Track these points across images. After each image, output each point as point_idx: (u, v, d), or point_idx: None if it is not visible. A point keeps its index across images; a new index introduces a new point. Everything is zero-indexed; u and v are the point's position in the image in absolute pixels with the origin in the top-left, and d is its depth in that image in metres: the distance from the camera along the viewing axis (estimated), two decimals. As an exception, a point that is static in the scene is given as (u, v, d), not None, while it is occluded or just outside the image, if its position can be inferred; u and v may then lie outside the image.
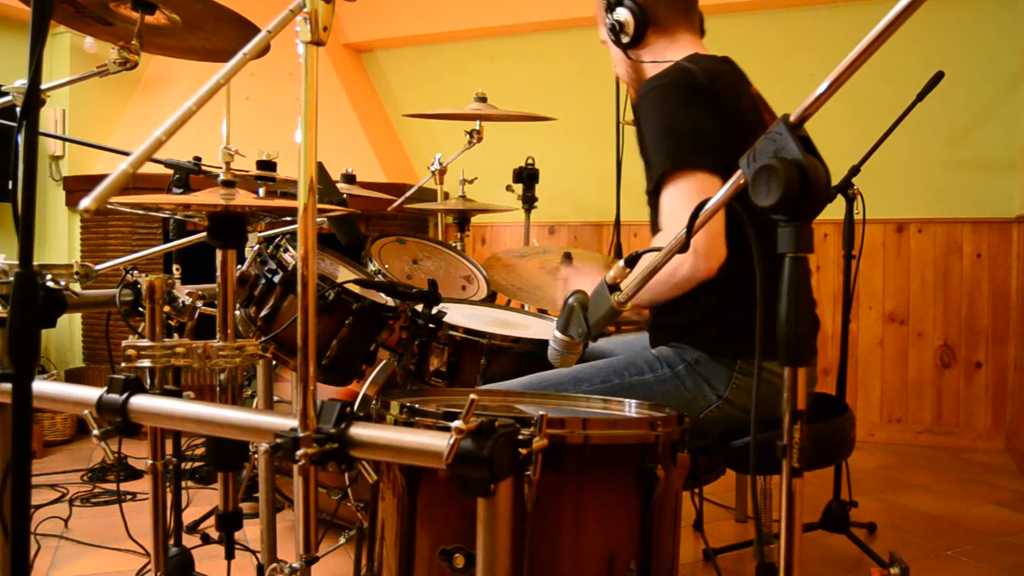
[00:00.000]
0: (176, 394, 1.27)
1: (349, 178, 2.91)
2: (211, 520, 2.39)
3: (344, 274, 1.93)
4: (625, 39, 1.69)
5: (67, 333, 3.99)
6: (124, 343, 1.36)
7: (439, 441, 0.95)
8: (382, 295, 1.79)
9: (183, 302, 1.45)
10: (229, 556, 1.49)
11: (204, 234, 1.44)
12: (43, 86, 1.62)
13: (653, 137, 1.53)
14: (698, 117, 1.49)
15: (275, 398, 2.24)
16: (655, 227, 1.70)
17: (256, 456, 2.00)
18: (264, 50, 1.14)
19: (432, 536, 1.14)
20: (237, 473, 1.48)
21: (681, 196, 1.47)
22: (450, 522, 1.13)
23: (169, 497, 1.69)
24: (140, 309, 1.46)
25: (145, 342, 1.37)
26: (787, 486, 0.89)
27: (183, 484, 2.52)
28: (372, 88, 4.76)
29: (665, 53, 1.68)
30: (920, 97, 2.53)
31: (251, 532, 2.29)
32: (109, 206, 1.02)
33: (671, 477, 1.19)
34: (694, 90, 1.52)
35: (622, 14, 1.67)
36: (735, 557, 2.27)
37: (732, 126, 1.51)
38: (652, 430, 1.16)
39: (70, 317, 3.91)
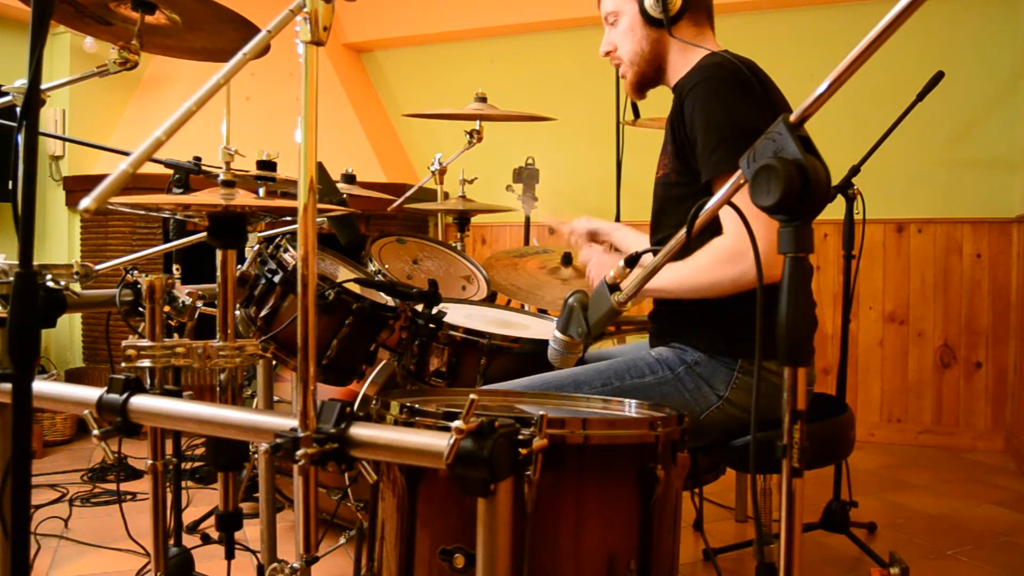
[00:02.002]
0: (176, 394, 1.27)
1: (349, 178, 2.91)
2: (211, 520, 2.39)
3: (344, 274, 1.93)
4: (668, 15, 1.64)
5: (67, 333, 3.99)
6: (124, 343, 1.36)
7: (439, 441, 0.95)
8: (382, 295, 1.79)
9: (183, 302, 1.45)
10: (229, 556, 1.49)
11: (204, 234, 1.44)
12: (43, 86, 1.62)
13: (712, 130, 1.48)
14: (758, 116, 1.46)
15: (275, 398, 2.24)
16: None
17: (256, 456, 2.00)
18: (264, 50, 1.14)
19: (432, 536, 1.14)
20: (237, 473, 1.48)
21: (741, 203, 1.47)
22: (450, 522, 1.13)
23: (169, 497, 1.68)
24: (140, 309, 1.46)
25: (145, 342, 1.37)
26: (787, 486, 0.89)
27: (183, 484, 2.52)
28: (372, 88, 4.76)
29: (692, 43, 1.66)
30: (920, 97, 2.53)
31: (251, 532, 2.29)
32: (109, 206, 1.02)
33: (671, 477, 1.19)
34: (749, 85, 1.50)
35: None
36: (735, 557, 2.27)
37: None
38: (652, 430, 1.16)
39: (70, 317, 3.91)
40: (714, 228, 1.47)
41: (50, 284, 1.40)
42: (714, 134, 1.48)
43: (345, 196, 2.23)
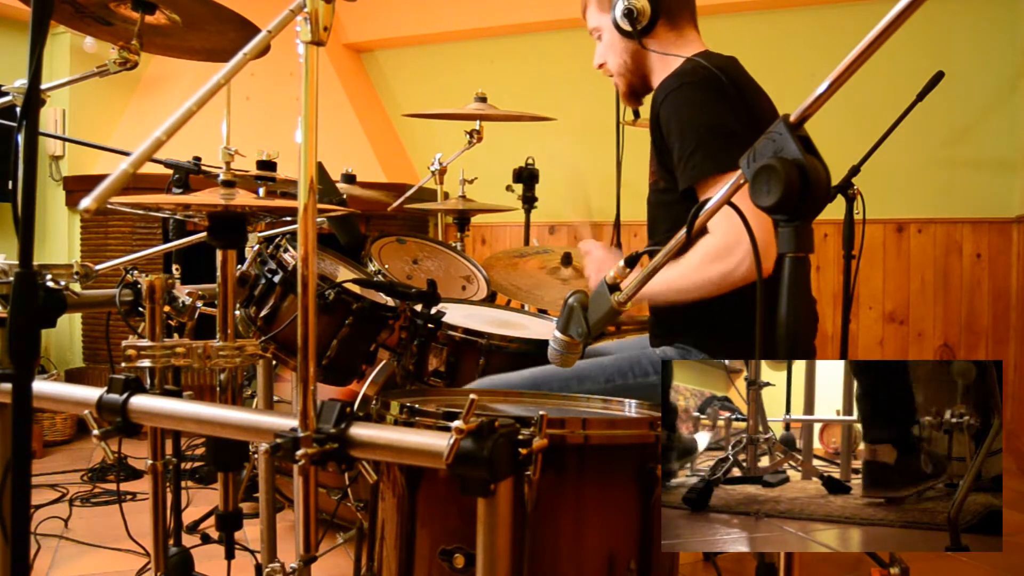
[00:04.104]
0: (176, 394, 1.27)
1: (349, 178, 2.91)
2: (211, 520, 2.39)
3: (344, 274, 1.93)
4: (638, 26, 1.64)
5: (67, 333, 3.99)
6: (124, 343, 1.36)
7: (439, 441, 0.95)
8: (382, 295, 1.79)
9: (183, 302, 1.45)
10: (229, 556, 1.50)
11: (204, 234, 1.44)
12: (43, 86, 1.62)
13: (689, 136, 1.49)
14: (732, 118, 1.48)
15: (275, 398, 2.24)
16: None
17: (256, 456, 2.00)
18: (264, 50, 1.14)
19: (432, 536, 1.14)
20: (237, 473, 1.48)
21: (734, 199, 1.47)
22: (450, 522, 1.13)
23: (169, 497, 1.69)
24: (140, 309, 1.46)
25: (145, 342, 1.37)
26: (787, 486, 0.89)
27: (183, 484, 2.51)
28: (372, 88, 4.76)
29: (670, 48, 1.65)
30: (920, 97, 2.54)
31: (251, 532, 2.29)
32: (109, 206, 1.02)
33: (671, 477, 1.19)
34: (723, 90, 1.50)
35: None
36: (735, 557, 2.26)
37: (757, 127, 1.50)
38: (652, 430, 1.16)
39: (70, 317, 3.90)
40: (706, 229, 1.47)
41: (50, 284, 1.40)
42: (690, 140, 1.49)
43: (345, 196, 2.23)
